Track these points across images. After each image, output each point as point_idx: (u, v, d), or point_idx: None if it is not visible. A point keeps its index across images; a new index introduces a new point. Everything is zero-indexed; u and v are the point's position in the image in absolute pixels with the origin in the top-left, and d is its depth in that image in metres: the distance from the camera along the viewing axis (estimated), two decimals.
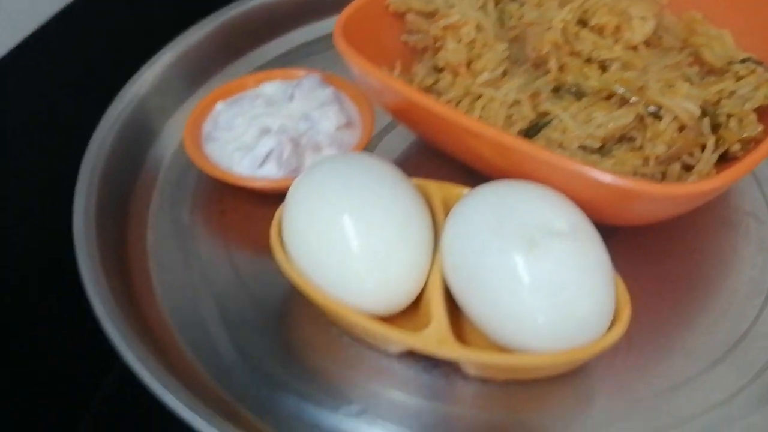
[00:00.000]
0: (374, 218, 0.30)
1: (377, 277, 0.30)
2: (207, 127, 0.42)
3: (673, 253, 0.37)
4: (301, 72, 0.44)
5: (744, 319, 0.34)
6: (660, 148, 0.33)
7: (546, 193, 0.30)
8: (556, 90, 0.37)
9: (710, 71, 0.38)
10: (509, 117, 0.35)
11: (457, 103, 0.36)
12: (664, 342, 0.33)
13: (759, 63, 0.37)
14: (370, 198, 0.30)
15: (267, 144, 0.38)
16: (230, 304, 0.35)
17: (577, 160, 0.33)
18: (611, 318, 0.29)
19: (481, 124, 0.31)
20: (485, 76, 0.35)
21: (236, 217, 0.39)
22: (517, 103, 0.35)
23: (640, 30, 0.39)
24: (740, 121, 0.34)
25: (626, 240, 0.34)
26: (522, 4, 0.41)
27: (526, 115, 0.35)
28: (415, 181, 0.35)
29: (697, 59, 0.39)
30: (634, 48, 0.39)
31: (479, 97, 0.35)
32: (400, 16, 0.42)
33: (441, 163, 0.38)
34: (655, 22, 0.40)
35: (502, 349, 0.29)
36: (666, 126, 0.33)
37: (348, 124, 0.41)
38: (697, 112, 0.33)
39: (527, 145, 0.30)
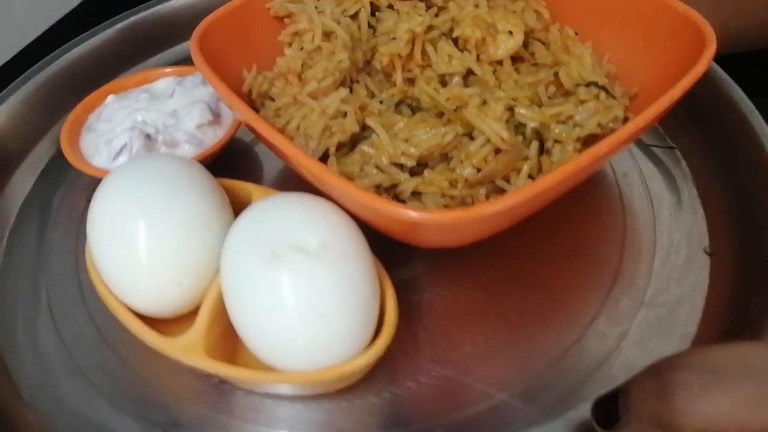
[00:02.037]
0: (156, 220, 0.31)
1: (154, 279, 0.31)
2: (92, 117, 0.44)
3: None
4: (192, 69, 0.45)
5: (546, 357, 0.32)
6: (468, 170, 0.32)
7: (314, 209, 0.29)
8: (400, 103, 0.36)
9: (564, 93, 0.36)
10: (328, 128, 0.34)
11: (286, 111, 0.35)
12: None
13: (602, 88, 0.34)
14: (159, 202, 0.31)
15: (123, 138, 0.40)
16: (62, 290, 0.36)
17: (378, 178, 0.32)
18: (368, 335, 0.29)
19: (279, 137, 0.31)
20: (312, 85, 0.35)
21: None
22: (341, 114, 0.34)
23: (504, 45, 0.38)
24: (562, 147, 0.32)
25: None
26: (398, 12, 0.40)
27: (347, 128, 0.34)
28: (241, 184, 0.35)
29: (557, 79, 0.37)
30: (499, 63, 0.38)
31: (303, 106, 0.35)
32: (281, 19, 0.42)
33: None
34: (522, 38, 0.38)
35: (266, 363, 0.29)
36: (478, 148, 0.32)
37: (213, 123, 0.41)
38: (506, 135, 0.32)
39: (313, 163, 0.30)
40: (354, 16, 0.40)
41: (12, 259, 0.38)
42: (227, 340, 0.31)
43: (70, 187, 0.43)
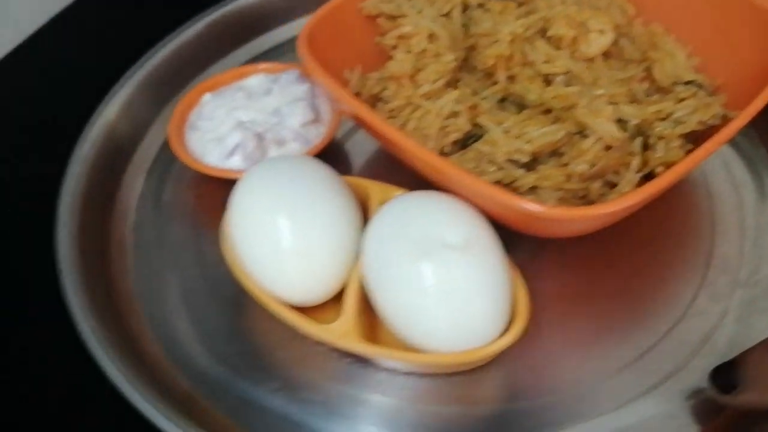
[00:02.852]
0: (301, 217, 0.33)
1: (300, 271, 0.33)
2: (192, 116, 0.46)
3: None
4: (284, 66, 0.47)
5: (656, 331, 0.35)
6: (582, 167, 0.35)
7: (450, 206, 0.32)
8: (503, 100, 0.39)
9: (658, 89, 0.39)
10: (444, 128, 0.37)
11: (400, 113, 0.38)
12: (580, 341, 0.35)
13: (701, 86, 0.37)
14: (299, 199, 0.34)
15: (235, 137, 0.42)
16: (192, 287, 0.39)
17: (499, 175, 0.35)
18: (504, 322, 0.32)
19: (405, 137, 0.34)
20: (425, 87, 0.38)
21: (209, 204, 0.43)
22: (454, 114, 0.37)
23: (595, 43, 0.40)
24: (667, 144, 0.35)
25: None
26: (486, 11, 0.42)
27: (461, 127, 0.37)
28: (359, 180, 0.38)
29: (650, 74, 0.39)
30: (591, 60, 0.40)
31: (418, 108, 0.37)
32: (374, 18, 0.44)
33: (399, 167, 0.41)
34: (613, 36, 0.40)
35: (407, 346, 0.33)
36: (590, 145, 0.35)
37: (315, 121, 0.44)
38: (618, 134, 0.34)
39: (441, 161, 0.33)
40: (446, 15, 0.42)
41: (140, 256, 0.41)
42: (367, 324, 0.34)
43: (175, 184, 0.45)
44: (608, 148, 0.35)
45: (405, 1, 0.42)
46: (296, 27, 0.53)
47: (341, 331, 0.32)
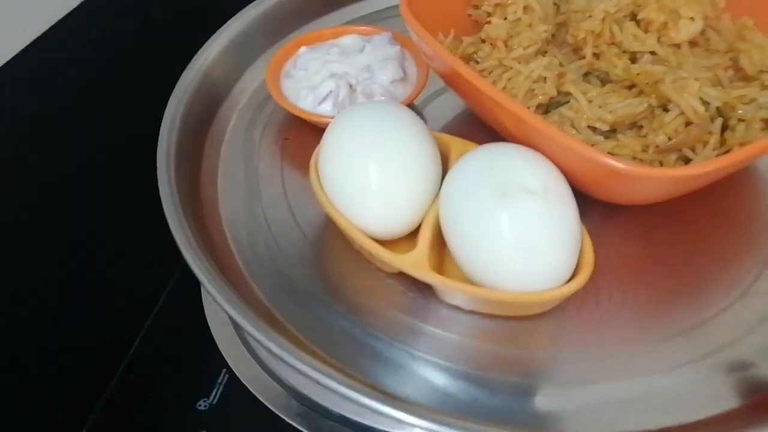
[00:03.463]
0: (386, 158, 0.36)
1: (383, 207, 0.36)
2: (288, 65, 0.49)
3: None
4: (377, 30, 0.50)
5: (714, 306, 0.36)
6: (661, 138, 0.36)
7: (532, 157, 0.34)
8: (587, 74, 0.41)
9: (743, 77, 0.40)
10: (531, 91, 0.39)
11: (489, 73, 0.40)
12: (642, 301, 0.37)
13: None
14: (385, 141, 0.36)
15: (328, 85, 0.45)
16: (275, 216, 0.42)
17: (580, 138, 0.37)
18: (571, 270, 0.34)
19: (500, 92, 0.36)
20: (518, 51, 0.40)
21: (296, 145, 0.47)
22: (542, 79, 0.39)
23: (684, 30, 0.41)
24: (747, 126, 0.36)
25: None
26: None
27: (547, 91, 0.39)
28: (440, 135, 0.40)
29: (735, 64, 0.41)
30: (677, 46, 0.42)
31: (509, 69, 0.39)
32: None
33: (478, 128, 0.43)
34: (703, 24, 0.42)
35: (474, 284, 0.35)
36: (672, 119, 0.36)
37: (403, 80, 0.46)
38: (701, 109, 0.36)
39: (532, 116, 0.35)
40: None
41: (227, 187, 0.44)
42: (438, 259, 0.36)
43: (266, 125, 0.48)
44: (688, 124, 0.36)
45: None
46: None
47: (414, 260, 0.34)
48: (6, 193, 0.44)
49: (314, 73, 0.47)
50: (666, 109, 0.37)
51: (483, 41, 0.42)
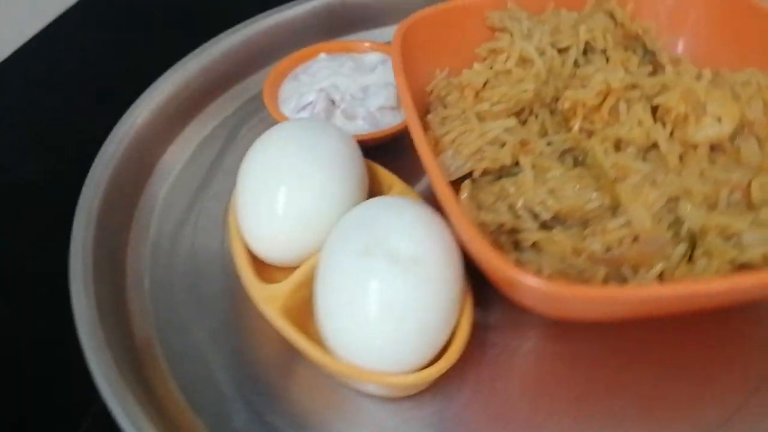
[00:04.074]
0: (293, 184, 0.33)
1: (271, 230, 0.33)
2: (300, 68, 0.48)
3: None
4: None
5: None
6: (597, 246, 0.30)
7: (424, 220, 0.30)
8: (567, 152, 0.35)
9: (751, 204, 0.32)
10: (480, 152, 0.34)
11: (450, 122, 0.35)
12: None
13: None
14: (295, 164, 0.33)
15: (311, 95, 0.43)
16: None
17: (506, 217, 0.31)
18: (423, 357, 0.29)
19: (425, 145, 0.31)
20: (484, 105, 0.35)
21: None
22: (499, 142, 0.34)
23: (705, 130, 0.34)
24: (708, 263, 0.29)
25: None
26: (607, 59, 0.38)
27: (499, 157, 0.33)
28: (384, 172, 0.37)
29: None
30: (694, 147, 0.34)
31: (467, 122, 0.35)
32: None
33: None
34: (733, 128, 0.34)
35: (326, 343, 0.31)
36: (615, 227, 0.30)
37: (394, 108, 0.43)
38: (646, 224, 0.29)
39: (441, 185, 0.29)
40: (564, 50, 0.38)
41: (187, 173, 0.43)
42: (308, 311, 0.32)
43: (258, 123, 0.47)
44: (636, 239, 0.30)
45: (530, 21, 0.40)
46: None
47: (268, 294, 0.31)
48: None
49: (318, 82, 0.45)
50: (616, 214, 0.30)
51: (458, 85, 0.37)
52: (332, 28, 0.54)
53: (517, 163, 0.34)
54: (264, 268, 0.34)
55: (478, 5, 0.41)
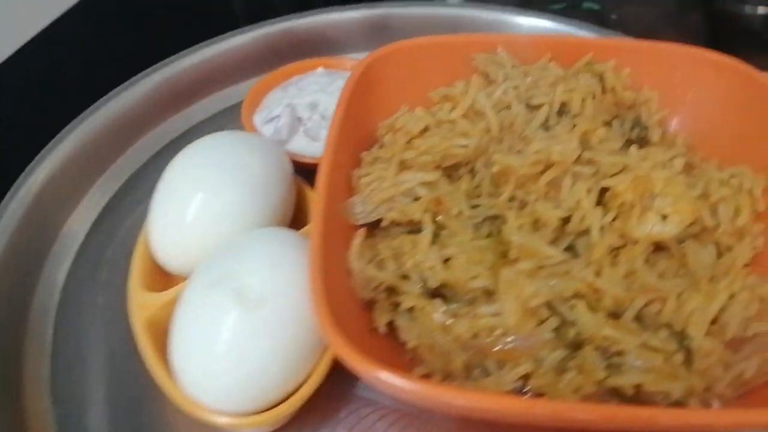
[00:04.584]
0: (203, 197, 0.32)
1: (173, 239, 0.33)
2: (296, 78, 0.47)
3: None
4: None
5: None
6: (464, 329, 0.27)
7: (289, 261, 0.28)
8: (490, 219, 0.32)
9: (657, 324, 0.27)
10: (390, 201, 0.31)
11: (377, 164, 0.33)
12: None
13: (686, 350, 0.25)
14: (210, 180, 0.33)
15: (279, 109, 0.42)
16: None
17: (385, 275, 0.29)
18: (263, 401, 0.28)
19: (318, 201, 0.29)
20: (409, 153, 0.33)
21: None
22: (414, 196, 0.31)
23: (644, 227, 0.30)
24: (577, 375, 0.25)
25: None
26: (573, 126, 0.34)
27: (406, 210, 0.31)
28: (312, 194, 0.35)
29: None
30: (634, 242, 0.30)
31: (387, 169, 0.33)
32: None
33: None
34: (682, 228, 0.30)
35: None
36: (485, 312, 0.27)
37: None
38: (512, 321, 0.26)
39: (314, 236, 0.28)
40: (537, 108, 0.35)
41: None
42: None
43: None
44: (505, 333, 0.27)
45: (516, 75, 0.37)
46: None
47: (141, 301, 0.31)
48: None
49: (303, 96, 0.45)
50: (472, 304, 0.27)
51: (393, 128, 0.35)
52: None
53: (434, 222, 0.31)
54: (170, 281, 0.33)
55: (465, 43, 0.39)
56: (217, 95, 0.49)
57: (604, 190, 0.31)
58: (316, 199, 0.29)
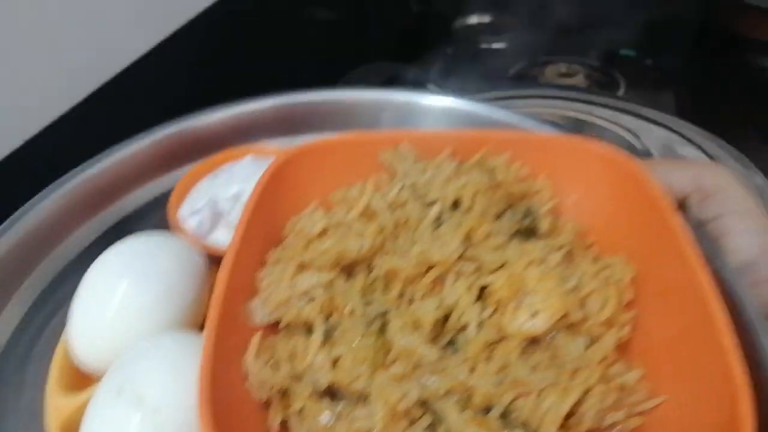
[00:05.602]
0: (118, 302, 0.35)
1: (87, 340, 0.35)
2: (228, 164, 0.50)
3: None
4: None
5: None
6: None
7: (178, 365, 0.31)
8: (381, 316, 0.34)
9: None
10: (289, 302, 0.34)
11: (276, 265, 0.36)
12: None
13: None
14: (123, 285, 0.35)
15: (202, 202, 0.45)
16: None
17: (276, 380, 0.32)
18: None
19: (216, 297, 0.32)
20: (308, 255, 0.35)
21: None
22: (308, 296, 0.34)
23: (516, 322, 0.33)
24: None
25: None
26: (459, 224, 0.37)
27: (303, 312, 0.33)
28: None
29: None
30: (504, 338, 0.33)
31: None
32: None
33: None
34: (545, 326, 0.33)
35: None
36: (360, 416, 0.29)
37: None
38: (380, 425, 0.28)
39: (210, 324, 0.31)
40: (430, 204, 0.38)
41: None
42: None
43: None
44: None
45: (416, 172, 0.40)
46: None
47: (57, 403, 0.33)
48: None
49: (230, 185, 0.47)
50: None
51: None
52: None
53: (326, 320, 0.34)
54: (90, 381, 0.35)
55: (373, 141, 0.42)
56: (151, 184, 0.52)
57: (484, 286, 0.34)
58: (212, 304, 0.32)
